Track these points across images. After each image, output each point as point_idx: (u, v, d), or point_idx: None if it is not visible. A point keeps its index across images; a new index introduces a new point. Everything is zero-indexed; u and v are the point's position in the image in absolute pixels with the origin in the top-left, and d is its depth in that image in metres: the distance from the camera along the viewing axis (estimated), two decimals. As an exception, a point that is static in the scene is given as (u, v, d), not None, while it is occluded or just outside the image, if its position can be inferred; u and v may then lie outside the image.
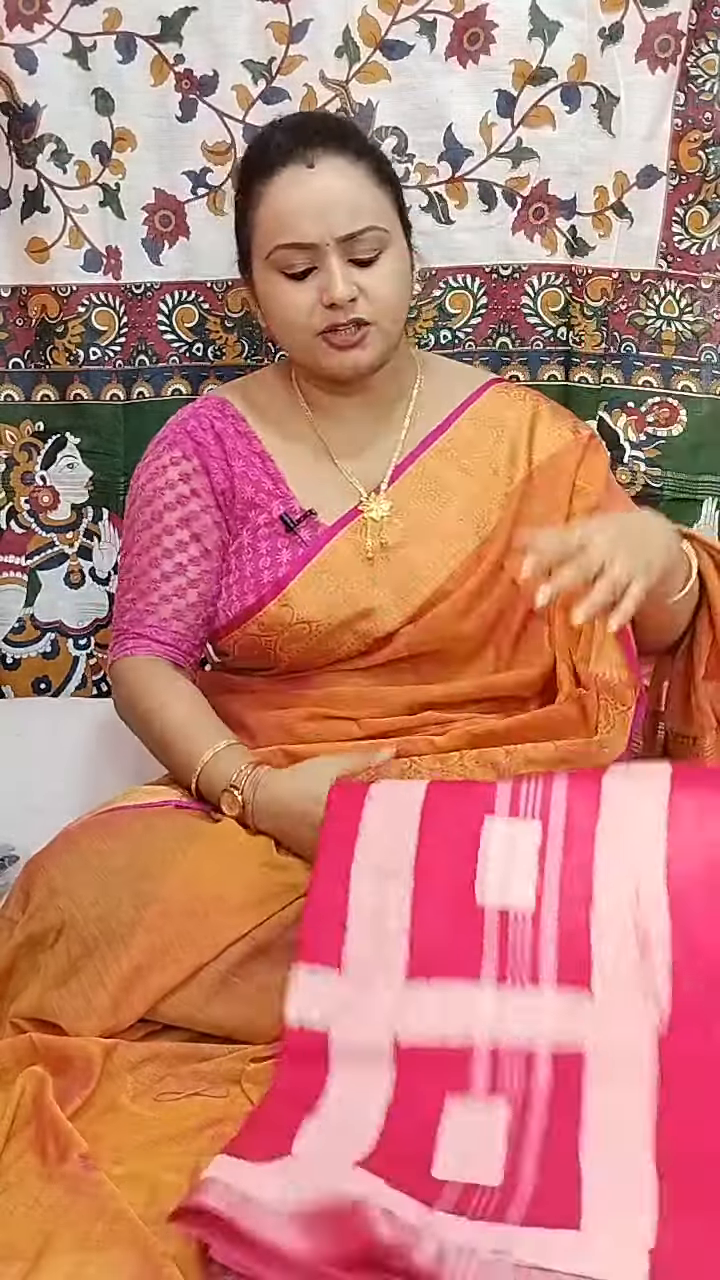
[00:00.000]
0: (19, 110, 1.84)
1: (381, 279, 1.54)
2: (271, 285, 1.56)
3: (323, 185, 1.52)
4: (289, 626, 1.56)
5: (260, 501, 1.61)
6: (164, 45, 1.86)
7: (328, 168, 1.52)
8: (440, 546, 1.60)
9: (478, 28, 1.84)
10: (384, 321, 1.55)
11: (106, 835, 1.44)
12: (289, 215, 1.52)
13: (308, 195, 1.51)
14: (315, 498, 1.61)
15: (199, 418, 1.66)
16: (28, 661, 2.05)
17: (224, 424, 1.65)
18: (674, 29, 1.80)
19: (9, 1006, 1.36)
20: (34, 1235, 1.08)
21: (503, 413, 1.68)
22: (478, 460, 1.64)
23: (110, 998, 1.33)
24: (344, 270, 1.52)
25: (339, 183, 1.52)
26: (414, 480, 1.63)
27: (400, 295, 1.57)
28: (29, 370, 1.97)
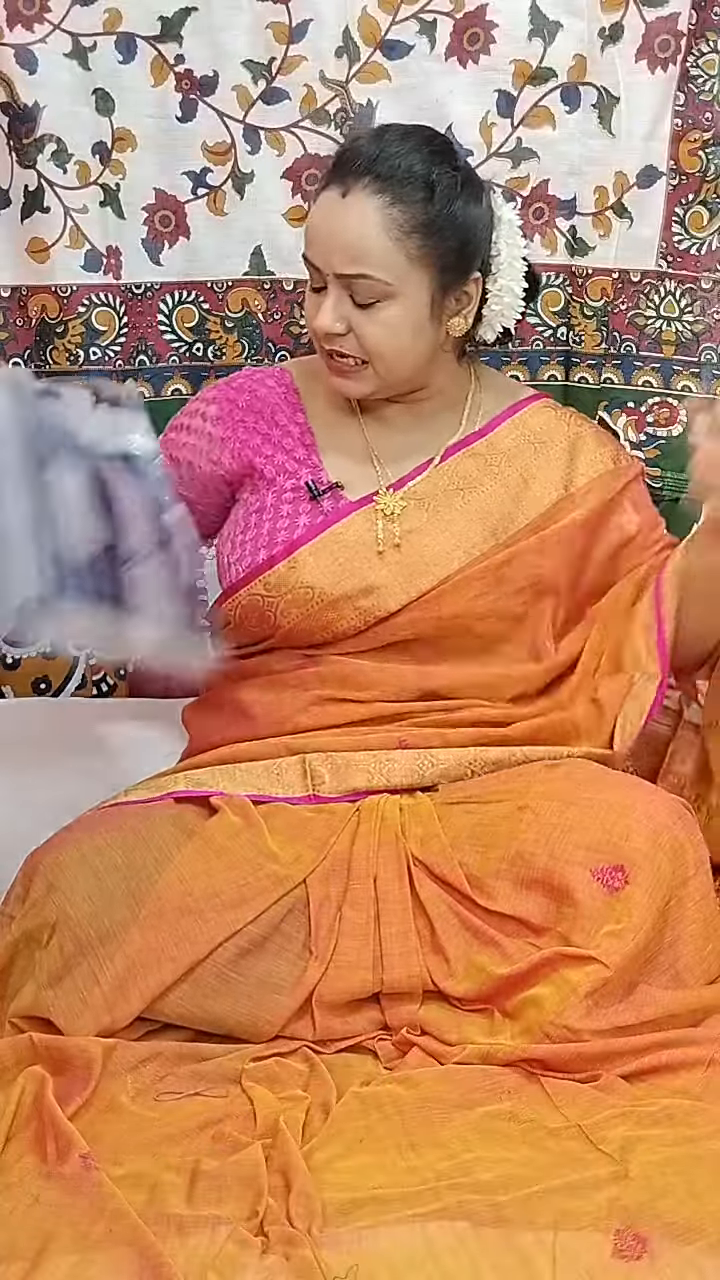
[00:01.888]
0: (19, 110, 1.84)
1: (374, 325, 1.53)
2: (308, 290, 1.60)
3: (339, 218, 1.52)
4: (292, 589, 1.57)
5: (290, 468, 1.63)
6: (164, 45, 1.86)
7: (355, 203, 1.51)
8: (454, 539, 1.61)
9: (478, 28, 1.84)
10: (376, 364, 1.56)
11: (103, 832, 1.44)
12: (310, 232, 1.56)
13: (324, 222, 1.53)
14: (345, 477, 1.63)
15: (252, 380, 1.70)
16: (28, 661, 2.05)
17: (277, 393, 1.68)
18: (674, 29, 1.80)
19: (8, 1005, 1.37)
20: (34, 1235, 1.08)
21: (546, 430, 1.69)
22: (510, 470, 1.65)
23: (104, 996, 1.33)
24: (339, 303, 1.53)
25: (353, 222, 1.51)
26: (442, 474, 1.64)
27: (395, 345, 1.55)
28: (29, 370, 1.97)
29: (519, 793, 1.47)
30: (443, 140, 1.60)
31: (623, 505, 1.68)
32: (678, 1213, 1.08)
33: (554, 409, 1.73)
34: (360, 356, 1.55)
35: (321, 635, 1.60)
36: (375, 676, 1.60)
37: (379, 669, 1.60)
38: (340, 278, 1.52)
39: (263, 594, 1.59)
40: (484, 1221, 1.08)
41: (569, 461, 1.67)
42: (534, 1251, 1.05)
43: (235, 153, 1.90)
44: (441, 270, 1.54)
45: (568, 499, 1.65)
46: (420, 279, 1.53)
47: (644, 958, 1.35)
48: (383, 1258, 1.05)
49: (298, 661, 1.62)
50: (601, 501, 1.66)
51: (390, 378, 1.58)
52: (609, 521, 1.67)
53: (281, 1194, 1.12)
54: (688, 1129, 1.20)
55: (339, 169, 1.53)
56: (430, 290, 1.54)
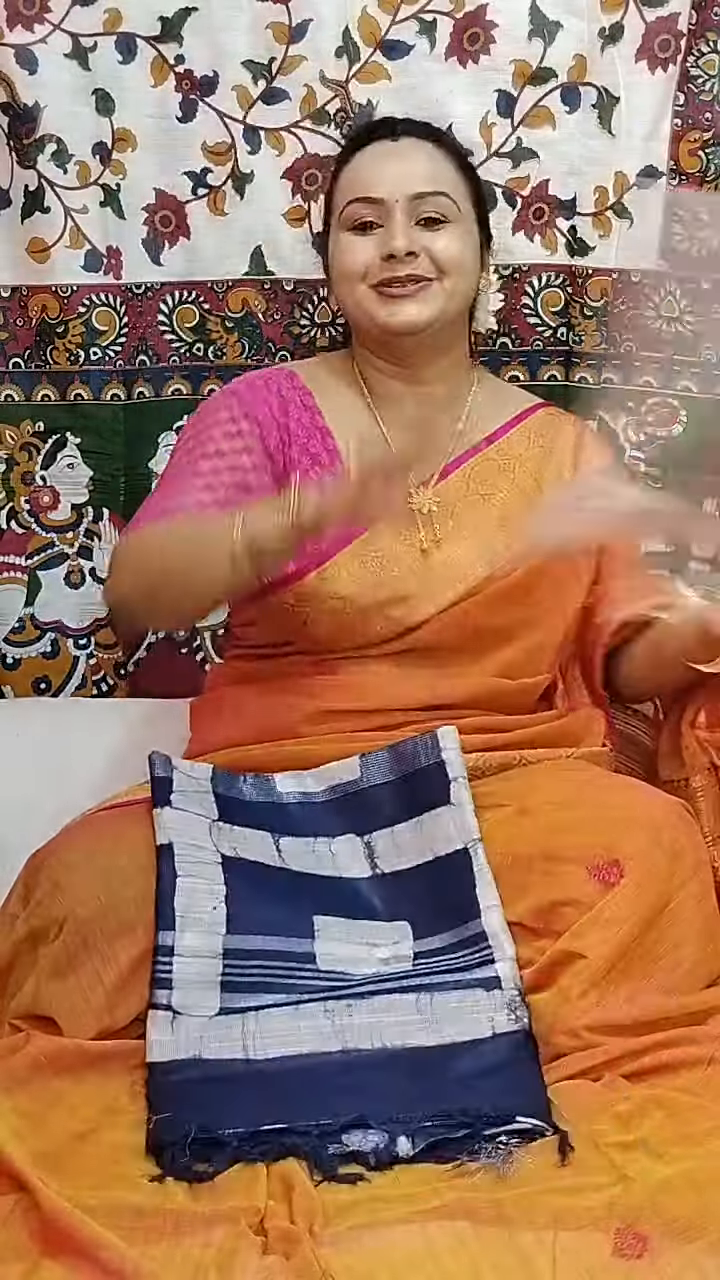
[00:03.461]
0: (19, 110, 1.84)
1: (446, 244, 1.59)
2: (340, 239, 1.62)
3: (403, 153, 1.62)
4: (325, 600, 1.57)
5: (315, 473, 1.61)
6: (164, 45, 1.86)
7: (413, 147, 1.63)
8: (480, 549, 1.62)
9: (478, 28, 1.85)
10: (445, 280, 1.59)
11: (110, 832, 1.44)
12: (366, 174, 1.61)
13: (388, 159, 1.61)
14: None
15: (269, 380, 1.67)
16: (28, 661, 2.05)
17: (291, 394, 1.66)
18: (674, 29, 1.80)
19: (9, 1003, 1.36)
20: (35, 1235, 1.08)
21: (553, 433, 1.72)
22: (523, 474, 1.67)
23: (107, 996, 1.33)
24: (407, 224, 1.58)
25: (420, 155, 1.62)
26: (461, 481, 1.65)
27: (464, 261, 1.61)
28: (29, 370, 1.97)
29: (520, 796, 1.48)
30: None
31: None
32: (678, 1211, 1.08)
33: (558, 414, 1.76)
34: (424, 275, 1.58)
35: (348, 642, 1.60)
36: (385, 687, 1.59)
37: (391, 677, 1.60)
38: (411, 200, 1.58)
39: (293, 603, 1.58)
40: (484, 1221, 1.08)
41: (574, 461, 1.70)
42: (534, 1251, 1.05)
43: (235, 153, 1.90)
44: (479, 221, 1.65)
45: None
46: (472, 218, 1.64)
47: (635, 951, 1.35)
48: (383, 1258, 1.05)
49: (309, 668, 1.61)
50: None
51: (454, 298, 1.61)
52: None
53: (282, 1193, 1.12)
54: (688, 1128, 1.20)
55: (373, 130, 1.66)
56: (477, 233, 1.65)
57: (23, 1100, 1.24)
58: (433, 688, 1.60)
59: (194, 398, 1.99)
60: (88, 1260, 1.03)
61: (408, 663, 1.61)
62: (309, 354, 1.95)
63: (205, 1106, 1.22)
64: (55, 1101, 1.25)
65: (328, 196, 1.68)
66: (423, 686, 1.60)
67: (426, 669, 1.61)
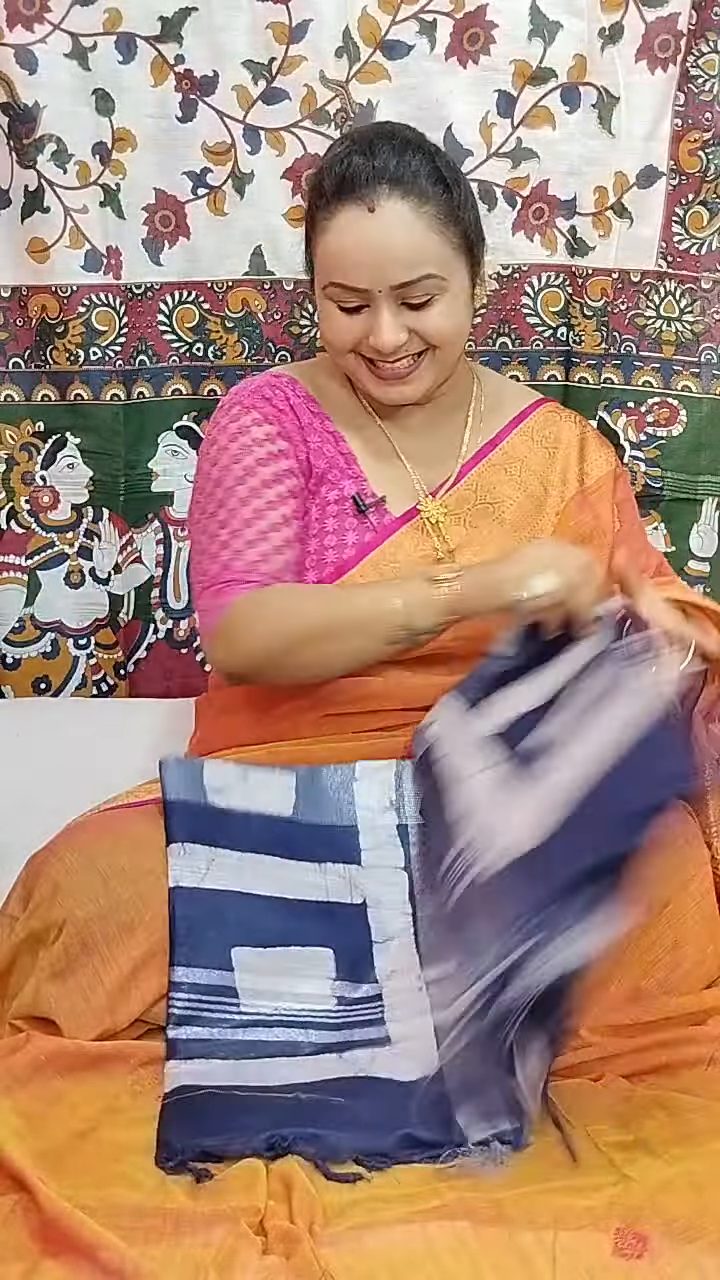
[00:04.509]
0: (19, 110, 1.84)
1: (434, 321, 1.51)
2: (326, 309, 1.54)
3: (380, 233, 1.47)
4: None
5: (332, 478, 1.60)
6: (164, 45, 1.86)
7: (389, 213, 1.47)
8: (494, 555, 1.58)
9: (478, 28, 1.85)
10: (439, 352, 1.54)
11: (110, 833, 1.43)
12: (345, 258, 1.49)
13: (363, 241, 1.47)
14: (384, 485, 1.61)
15: (275, 389, 1.62)
16: (28, 661, 2.05)
17: (298, 401, 1.63)
18: (674, 29, 1.80)
19: (9, 1005, 1.36)
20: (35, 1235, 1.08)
21: (556, 432, 1.70)
22: (529, 476, 1.66)
23: (108, 997, 1.33)
24: (394, 316, 1.50)
25: (398, 231, 1.47)
26: (469, 491, 1.64)
27: (456, 330, 1.54)
28: (29, 370, 1.97)
29: None
30: (413, 131, 1.58)
31: (614, 509, 1.69)
32: (678, 1211, 1.08)
33: (557, 412, 1.74)
34: (417, 352, 1.53)
35: None
36: (390, 689, 1.58)
37: (397, 680, 1.59)
38: (397, 288, 1.48)
39: None
40: (484, 1221, 1.08)
41: (580, 461, 1.69)
42: (534, 1251, 1.05)
43: (235, 153, 1.90)
44: (470, 251, 1.54)
45: (581, 495, 1.67)
46: (460, 265, 1.53)
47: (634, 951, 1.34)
48: (383, 1258, 1.05)
49: None
50: (605, 503, 1.68)
51: (447, 369, 1.57)
52: (609, 523, 1.68)
53: (282, 1193, 1.12)
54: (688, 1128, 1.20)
55: (346, 189, 1.48)
56: (467, 273, 1.55)
57: (23, 1100, 1.24)
58: (440, 688, 1.60)
59: (194, 398, 1.99)
60: (88, 1260, 1.03)
61: (417, 666, 1.61)
62: (309, 354, 1.96)
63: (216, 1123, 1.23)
64: (56, 1101, 1.25)
65: (309, 241, 1.56)
66: (428, 687, 1.59)
67: (434, 671, 1.61)
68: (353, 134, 1.59)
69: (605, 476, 1.69)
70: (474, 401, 1.67)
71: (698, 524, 1.95)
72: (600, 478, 1.68)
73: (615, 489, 1.70)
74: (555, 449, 1.68)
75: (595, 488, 1.68)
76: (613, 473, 1.70)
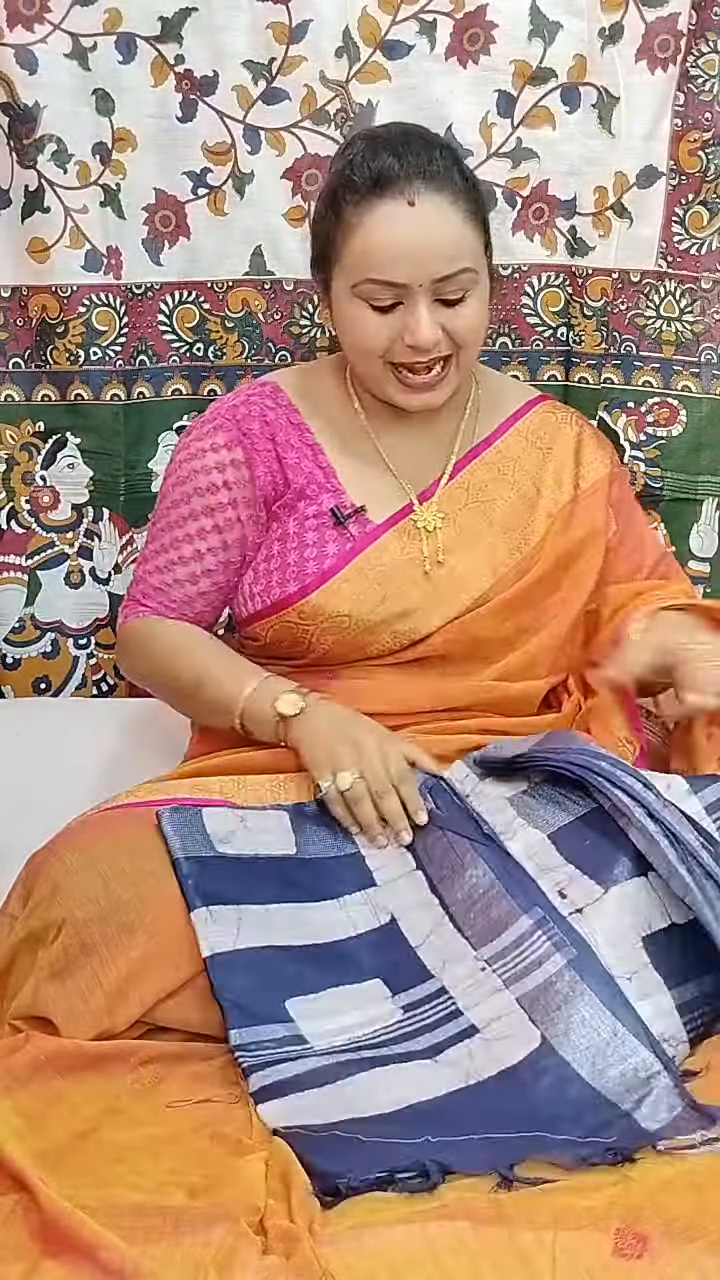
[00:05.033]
0: (19, 110, 1.84)
1: (466, 319, 1.51)
2: (353, 310, 1.52)
3: (422, 226, 1.47)
4: (329, 618, 1.57)
5: (310, 493, 1.60)
6: (164, 45, 1.86)
7: (428, 206, 1.47)
8: (483, 559, 1.61)
9: (478, 28, 1.85)
10: (462, 355, 1.54)
11: (110, 834, 1.43)
12: (383, 252, 1.47)
13: (406, 236, 1.47)
14: (365, 495, 1.61)
15: (250, 405, 1.63)
16: (28, 661, 2.05)
17: (276, 413, 1.62)
18: (674, 29, 1.80)
19: (9, 1004, 1.36)
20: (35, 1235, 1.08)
21: (550, 433, 1.69)
22: (522, 477, 1.66)
23: (106, 999, 1.32)
24: (431, 313, 1.49)
25: (439, 224, 1.48)
26: (460, 490, 1.63)
27: (482, 329, 1.56)
28: (29, 370, 1.97)
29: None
30: (431, 131, 1.60)
31: (610, 511, 1.69)
32: (678, 1211, 1.08)
33: (555, 410, 1.73)
34: (445, 355, 1.53)
35: (355, 655, 1.60)
36: (387, 691, 1.59)
37: (394, 683, 1.60)
38: (437, 282, 1.48)
39: (296, 621, 1.58)
40: (484, 1221, 1.08)
41: (575, 463, 1.68)
42: (534, 1251, 1.05)
43: (235, 153, 1.90)
44: (488, 247, 1.55)
45: (574, 500, 1.66)
46: (485, 259, 1.54)
47: None
48: (383, 1258, 1.05)
49: (310, 675, 1.60)
50: (600, 506, 1.68)
51: (467, 368, 1.57)
52: (603, 526, 1.68)
53: (282, 1192, 1.12)
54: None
55: (384, 185, 1.47)
56: (489, 268, 1.56)
57: (23, 1100, 1.23)
58: (435, 692, 1.60)
59: (194, 398, 1.99)
60: (88, 1260, 1.03)
61: (412, 670, 1.61)
62: (309, 354, 1.96)
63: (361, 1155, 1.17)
64: (56, 1101, 1.24)
65: (330, 241, 1.53)
66: (425, 691, 1.60)
67: (430, 674, 1.61)
68: (371, 134, 1.58)
69: (601, 480, 1.68)
70: (470, 402, 1.67)
71: (698, 524, 1.95)
72: (596, 481, 1.68)
73: (610, 490, 1.69)
74: (550, 449, 1.68)
75: (590, 490, 1.67)
76: (609, 475, 1.69)
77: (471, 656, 1.62)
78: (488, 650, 1.62)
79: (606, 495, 1.69)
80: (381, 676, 1.60)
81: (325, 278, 1.57)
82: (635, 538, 1.72)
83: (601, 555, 1.67)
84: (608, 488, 1.69)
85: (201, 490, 1.61)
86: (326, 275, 1.56)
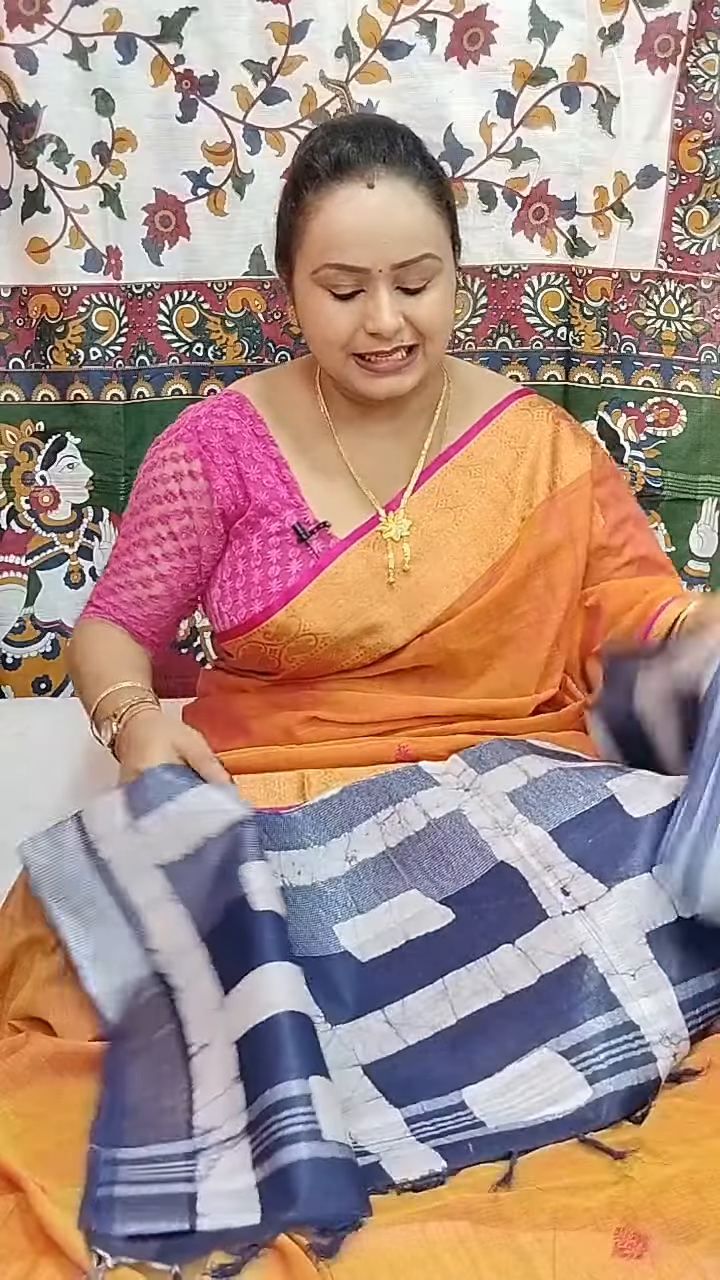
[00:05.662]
0: (19, 110, 1.84)
1: (429, 307, 1.48)
2: (314, 300, 1.50)
3: (382, 209, 1.45)
4: (295, 637, 1.54)
5: (273, 509, 1.57)
6: (164, 45, 1.86)
7: (388, 189, 1.45)
8: (453, 566, 1.58)
9: (478, 28, 1.85)
10: (429, 346, 1.51)
11: None
12: (342, 236, 1.45)
13: (364, 218, 1.45)
14: (329, 509, 1.58)
15: (214, 417, 1.61)
16: (28, 661, 2.05)
17: (240, 426, 1.60)
18: (674, 29, 1.80)
19: (8, 1005, 1.36)
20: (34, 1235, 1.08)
21: (524, 432, 1.65)
22: (494, 480, 1.62)
23: None
24: (392, 299, 1.46)
25: (399, 207, 1.45)
26: (429, 495, 1.60)
27: (447, 321, 1.52)
28: (29, 370, 1.97)
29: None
30: (387, 118, 1.59)
31: (595, 508, 1.64)
32: (678, 1211, 1.08)
33: (530, 408, 1.68)
34: (410, 345, 1.50)
35: (327, 670, 1.58)
36: (372, 702, 1.57)
37: (377, 695, 1.58)
38: (397, 267, 1.45)
39: (263, 641, 1.56)
40: (484, 1221, 1.08)
41: (551, 464, 1.64)
42: (534, 1251, 1.05)
43: (235, 153, 1.90)
44: (453, 235, 1.53)
45: (550, 502, 1.62)
46: (449, 253, 1.52)
47: None
48: (383, 1257, 1.05)
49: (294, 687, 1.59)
50: (582, 505, 1.63)
51: (434, 360, 1.54)
52: (585, 526, 1.64)
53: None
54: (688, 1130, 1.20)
55: (343, 169, 1.45)
56: (454, 257, 1.53)
57: (22, 1100, 1.23)
58: (419, 704, 1.58)
59: (194, 397, 1.99)
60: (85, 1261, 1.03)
61: (390, 682, 1.58)
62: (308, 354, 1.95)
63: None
64: (55, 1101, 1.24)
65: (290, 229, 1.52)
66: (409, 703, 1.58)
67: (410, 686, 1.59)
68: (332, 123, 1.58)
69: (581, 477, 1.64)
70: (441, 401, 1.63)
71: (698, 524, 1.95)
72: (575, 480, 1.63)
73: (594, 490, 1.64)
74: (523, 450, 1.63)
75: (569, 490, 1.63)
76: (589, 473, 1.64)
77: (448, 668, 1.59)
78: (464, 662, 1.59)
79: (589, 495, 1.64)
80: (362, 689, 1.58)
81: (289, 270, 1.55)
82: (626, 533, 1.66)
83: (581, 559, 1.63)
84: (590, 487, 1.64)
85: (159, 498, 1.61)
86: (289, 268, 1.54)
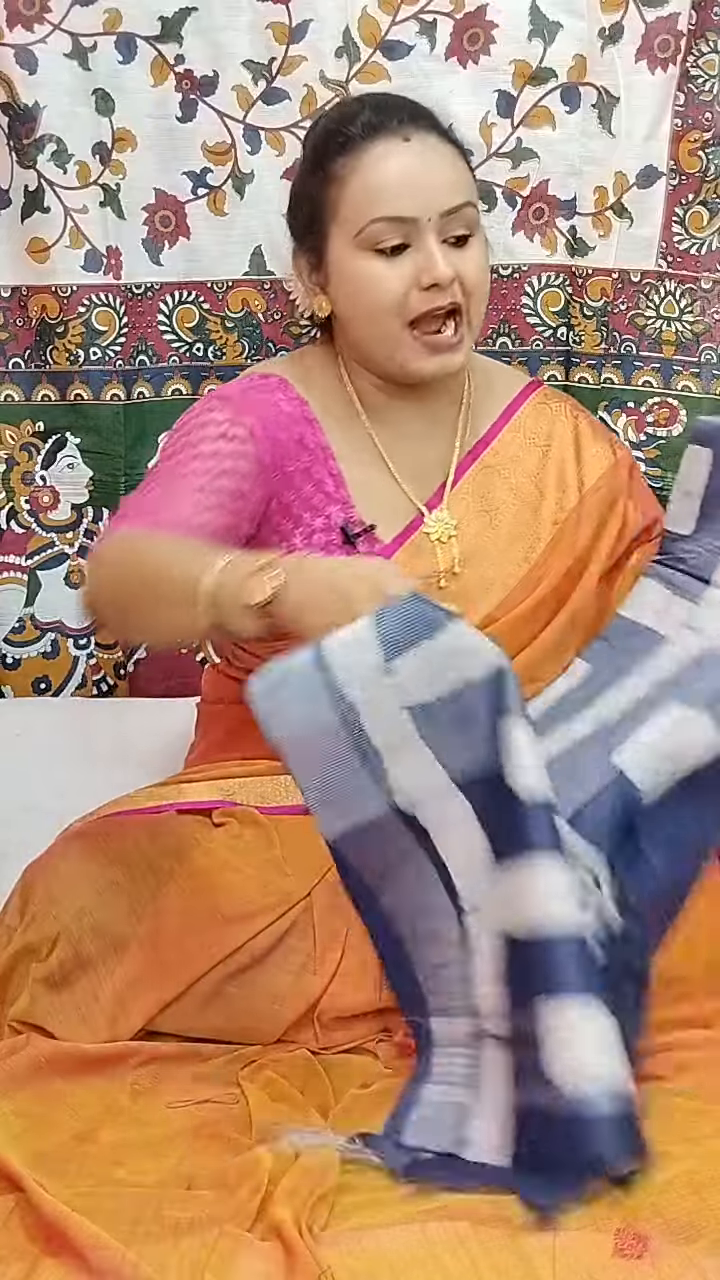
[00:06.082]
0: (19, 110, 1.84)
1: (474, 259, 1.48)
2: (360, 265, 1.47)
3: (421, 158, 1.46)
4: None
5: (318, 503, 1.53)
6: (164, 45, 1.86)
7: (421, 143, 1.47)
8: (492, 572, 1.57)
9: (478, 28, 1.85)
10: (472, 306, 1.49)
11: (106, 844, 1.41)
12: (387, 188, 1.45)
13: (407, 168, 1.45)
14: (373, 509, 1.54)
15: (261, 388, 1.54)
16: (28, 661, 2.05)
17: (291, 405, 1.54)
18: (674, 29, 1.80)
19: (7, 1011, 1.35)
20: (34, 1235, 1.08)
21: (545, 430, 1.64)
22: (523, 479, 1.61)
23: (105, 1014, 1.31)
24: (442, 250, 1.46)
25: (436, 158, 1.47)
26: (465, 497, 1.58)
27: (486, 278, 1.52)
28: (29, 370, 1.97)
29: None
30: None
31: (625, 500, 1.63)
32: (678, 1212, 1.08)
33: (548, 401, 1.67)
34: (460, 304, 1.47)
35: None
36: None
37: None
38: (443, 216, 1.45)
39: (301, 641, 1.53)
40: (484, 1221, 1.08)
41: (576, 461, 1.63)
42: (534, 1251, 1.05)
43: (235, 153, 1.90)
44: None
45: (579, 505, 1.61)
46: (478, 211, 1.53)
47: None
48: (383, 1258, 1.05)
49: None
50: (610, 499, 1.63)
51: (475, 329, 1.52)
52: (616, 518, 1.63)
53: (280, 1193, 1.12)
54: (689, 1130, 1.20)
55: (374, 129, 1.46)
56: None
57: (23, 1101, 1.24)
58: None
59: (194, 397, 1.99)
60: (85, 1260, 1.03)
61: None
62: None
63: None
64: (56, 1102, 1.25)
65: (319, 206, 1.49)
66: None
67: None
68: (347, 100, 1.59)
69: (605, 474, 1.63)
70: (467, 396, 1.62)
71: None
72: (599, 477, 1.63)
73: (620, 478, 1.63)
74: (549, 448, 1.63)
75: (595, 489, 1.62)
76: (613, 468, 1.64)
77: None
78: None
79: (622, 486, 1.63)
80: None
81: (317, 247, 1.51)
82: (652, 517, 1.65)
83: (608, 553, 1.61)
84: (613, 480, 1.63)
85: (205, 449, 1.47)
86: (319, 243, 1.51)
